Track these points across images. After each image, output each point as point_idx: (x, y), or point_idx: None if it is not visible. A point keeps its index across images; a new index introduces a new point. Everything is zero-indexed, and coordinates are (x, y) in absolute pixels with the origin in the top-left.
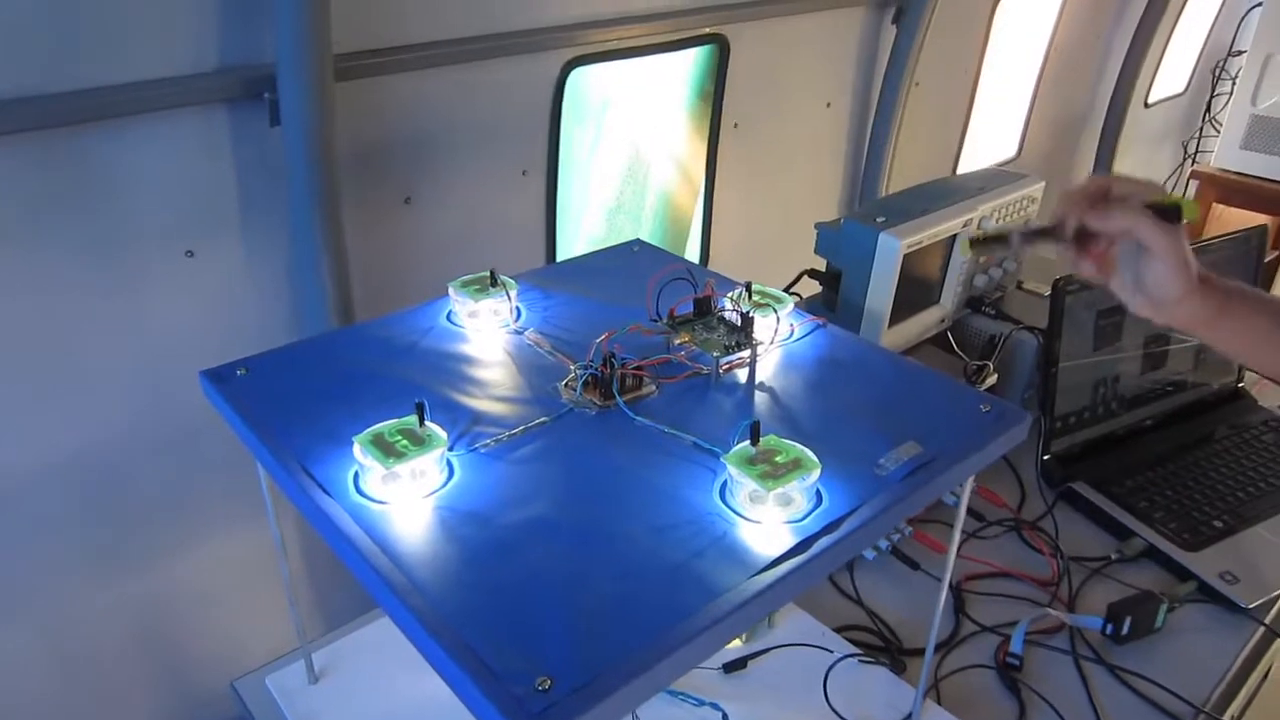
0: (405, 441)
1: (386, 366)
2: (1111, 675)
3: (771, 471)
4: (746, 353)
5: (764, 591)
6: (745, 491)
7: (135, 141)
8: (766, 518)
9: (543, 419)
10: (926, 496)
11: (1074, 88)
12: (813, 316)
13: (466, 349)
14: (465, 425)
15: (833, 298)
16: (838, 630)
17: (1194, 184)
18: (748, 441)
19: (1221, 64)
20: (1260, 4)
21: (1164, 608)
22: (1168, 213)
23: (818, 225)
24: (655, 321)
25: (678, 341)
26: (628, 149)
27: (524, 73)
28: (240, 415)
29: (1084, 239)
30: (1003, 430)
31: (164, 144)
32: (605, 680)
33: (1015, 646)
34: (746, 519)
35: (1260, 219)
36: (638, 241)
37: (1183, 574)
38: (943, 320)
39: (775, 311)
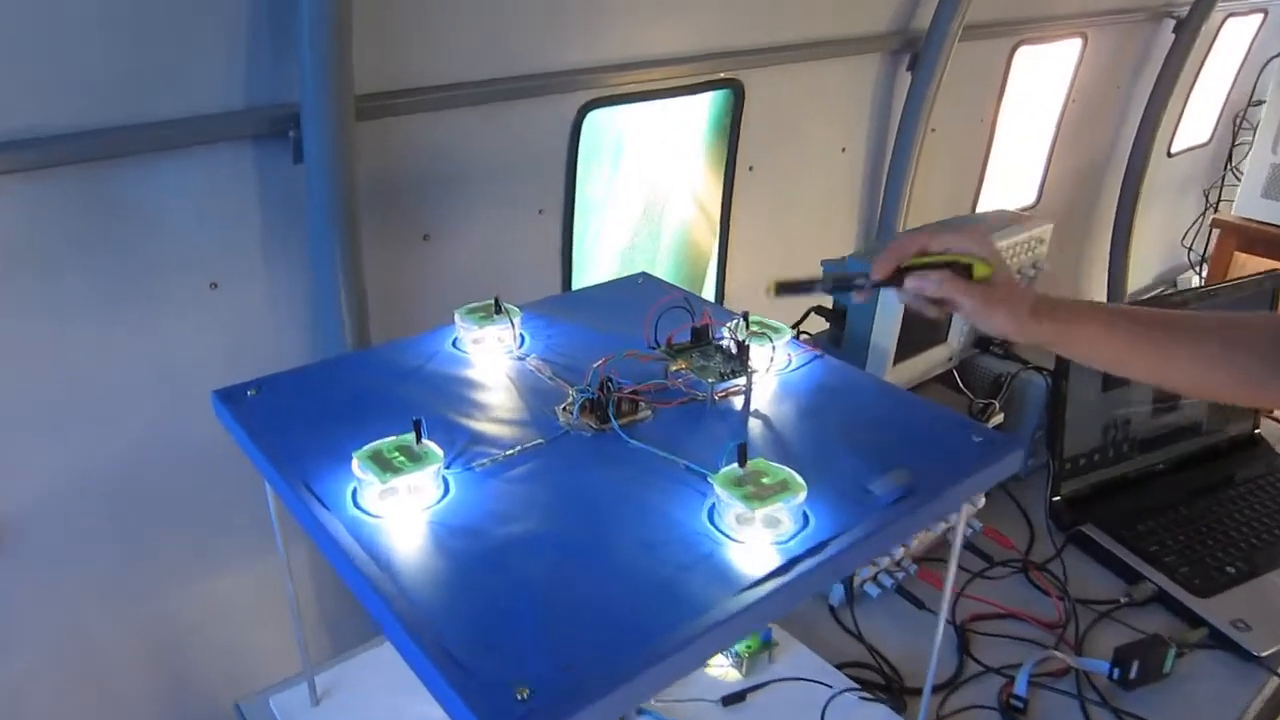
0: (402, 458)
1: (391, 389)
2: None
3: (758, 492)
4: (742, 380)
5: (746, 609)
6: (733, 513)
7: (166, 176)
8: (753, 539)
9: (539, 440)
10: (915, 523)
11: (1094, 136)
12: (810, 347)
13: (469, 373)
14: (463, 444)
15: (839, 334)
16: (839, 666)
17: (1215, 232)
18: (736, 463)
19: (1242, 114)
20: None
21: (1172, 653)
22: (963, 269)
23: (824, 262)
24: (653, 349)
25: (674, 368)
26: (644, 189)
27: (540, 114)
28: (248, 434)
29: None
30: (994, 460)
31: (193, 179)
32: (583, 692)
33: (1019, 688)
34: (733, 540)
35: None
36: (643, 275)
37: (1193, 620)
38: (950, 359)
39: (771, 341)
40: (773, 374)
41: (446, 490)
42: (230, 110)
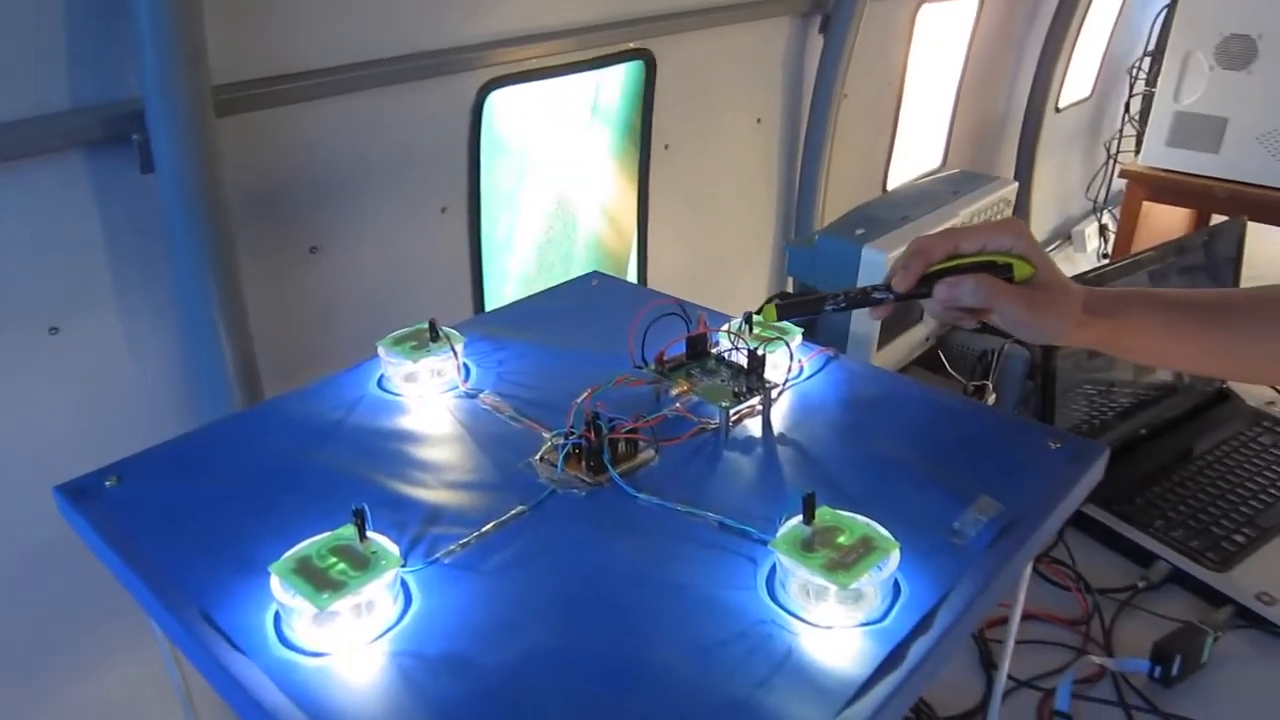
0: (343, 565)
1: (307, 455)
2: None
3: (839, 559)
4: (757, 399)
5: None
6: (797, 584)
7: None
8: (835, 618)
9: (519, 508)
10: (1019, 566)
11: (991, 95)
12: (822, 348)
13: (407, 422)
14: (418, 528)
15: (810, 323)
16: None
17: (1123, 183)
18: (798, 519)
19: (1137, 65)
20: (1173, 2)
21: (1210, 640)
22: (1002, 269)
23: (788, 244)
24: (640, 369)
25: (674, 392)
26: (555, 179)
27: (437, 98)
28: (111, 544)
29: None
30: (1082, 471)
31: (8, 201)
32: None
33: (1061, 703)
34: (809, 623)
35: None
36: (596, 274)
37: (1215, 598)
38: (927, 339)
39: (786, 344)
40: (787, 386)
41: (408, 601)
42: (51, 113)
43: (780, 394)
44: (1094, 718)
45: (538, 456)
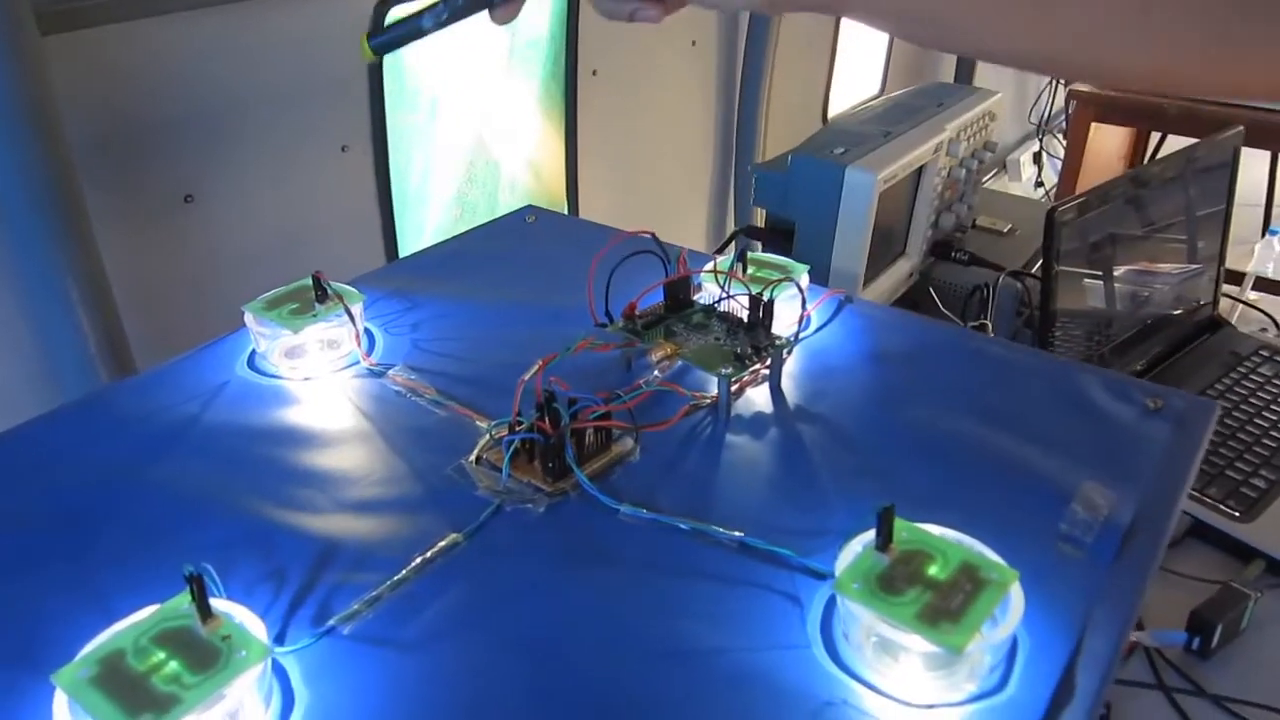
0: (175, 662)
1: (143, 473)
2: (1218, 707)
3: (940, 604)
4: (764, 362)
5: None
6: (870, 636)
7: None
8: (931, 691)
9: (452, 536)
10: (1149, 575)
11: None
12: (832, 289)
13: (287, 416)
14: (303, 578)
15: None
16: None
17: (1073, 104)
18: (862, 540)
19: None
20: None
21: (1252, 604)
22: None
23: (754, 168)
24: (604, 327)
25: (655, 356)
26: (474, 111)
27: (327, 17)
28: None
29: None
30: (1196, 438)
31: None
32: None
33: None
34: (896, 700)
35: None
36: (531, 209)
37: (1241, 551)
38: (911, 274)
39: (796, 285)
40: (797, 342)
41: (288, 701)
42: None
43: (790, 353)
44: (1129, 701)
45: (473, 457)
